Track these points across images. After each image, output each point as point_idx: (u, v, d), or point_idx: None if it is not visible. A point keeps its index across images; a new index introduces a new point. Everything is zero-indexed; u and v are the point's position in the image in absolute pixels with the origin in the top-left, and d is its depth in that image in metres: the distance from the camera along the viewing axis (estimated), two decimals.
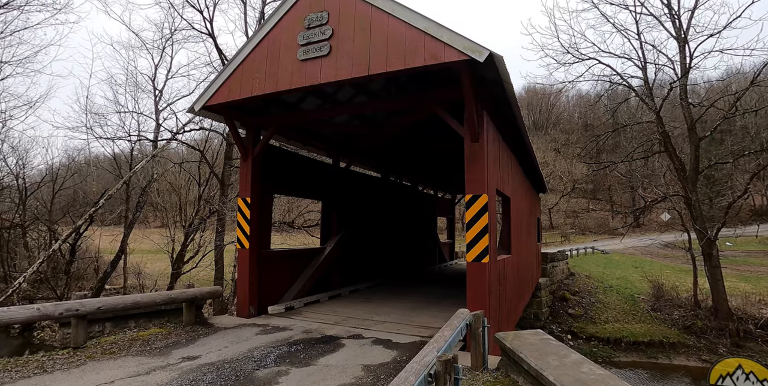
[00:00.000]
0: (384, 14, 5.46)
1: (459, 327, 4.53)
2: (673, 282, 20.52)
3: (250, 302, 7.81)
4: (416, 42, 5.19)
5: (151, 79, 16.61)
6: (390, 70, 5.33)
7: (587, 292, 20.83)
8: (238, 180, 8.60)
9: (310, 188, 10.33)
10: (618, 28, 16.85)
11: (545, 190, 19.16)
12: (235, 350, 5.78)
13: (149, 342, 6.14)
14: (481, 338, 4.76)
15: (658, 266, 29.52)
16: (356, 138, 11.10)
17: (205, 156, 14.84)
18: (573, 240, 41.76)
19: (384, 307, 8.93)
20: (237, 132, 7.62)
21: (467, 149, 5.81)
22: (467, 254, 5.78)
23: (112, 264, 17.59)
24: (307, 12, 6.03)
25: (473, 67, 5.13)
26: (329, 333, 6.75)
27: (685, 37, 15.42)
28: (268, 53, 6.30)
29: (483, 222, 5.67)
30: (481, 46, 4.82)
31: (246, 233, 7.72)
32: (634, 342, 16.69)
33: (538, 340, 4.77)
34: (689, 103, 16.07)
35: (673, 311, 18.19)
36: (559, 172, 46.21)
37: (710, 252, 16.64)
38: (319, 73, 5.82)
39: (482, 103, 5.89)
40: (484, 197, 5.68)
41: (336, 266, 10.64)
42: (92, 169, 22.39)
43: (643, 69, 16.72)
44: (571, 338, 17.86)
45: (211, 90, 6.78)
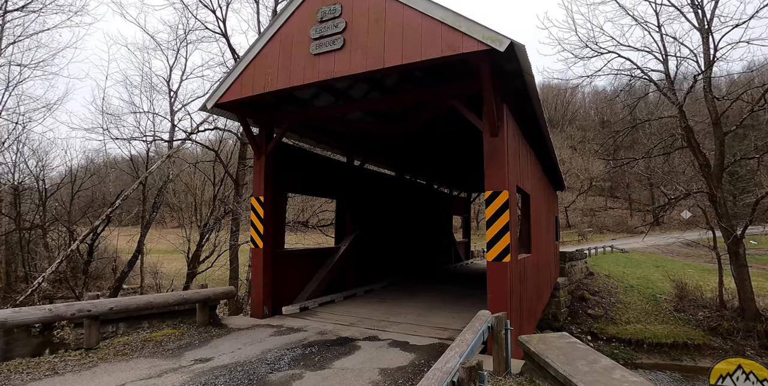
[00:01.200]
0: (398, 5, 5.26)
1: (481, 329, 4.32)
2: (697, 282, 19.96)
3: (264, 302, 7.69)
4: (433, 32, 4.98)
5: (166, 80, 16.68)
6: (406, 63, 5.12)
7: (607, 292, 20.37)
8: (252, 179, 8.49)
9: (324, 187, 10.19)
10: (637, 20, 16.38)
11: (563, 187, 18.77)
12: (248, 352, 5.65)
13: (162, 344, 6.05)
14: (504, 341, 4.54)
15: (680, 265, 28.81)
16: (370, 135, 10.92)
17: (219, 156, 14.84)
18: (590, 239, 41.05)
19: (400, 308, 8.74)
20: (250, 130, 7.51)
21: (486, 144, 5.58)
22: (487, 253, 5.56)
23: (129, 263, 17.73)
24: (320, 5, 5.86)
25: (493, 57, 4.90)
26: (344, 334, 6.58)
27: (709, 28, 14.91)
28: (280, 48, 6.15)
29: (504, 220, 5.43)
30: (502, 35, 4.59)
31: (260, 232, 7.59)
32: (656, 344, 16.25)
33: (564, 344, 4.53)
34: (714, 96, 15.55)
35: (698, 312, 17.66)
36: (575, 169, 45.44)
37: (737, 250, 16.10)
38: (332, 67, 5.65)
39: (502, 96, 5.65)
40: (505, 194, 5.45)
41: (350, 265, 10.48)
42: (110, 170, 22.64)
43: (664, 62, 16.24)
44: (591, 339, 17.46)
45: (223, 87, 6.67)
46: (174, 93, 16.56)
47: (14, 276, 18.80)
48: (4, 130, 16.75)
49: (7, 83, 15.96)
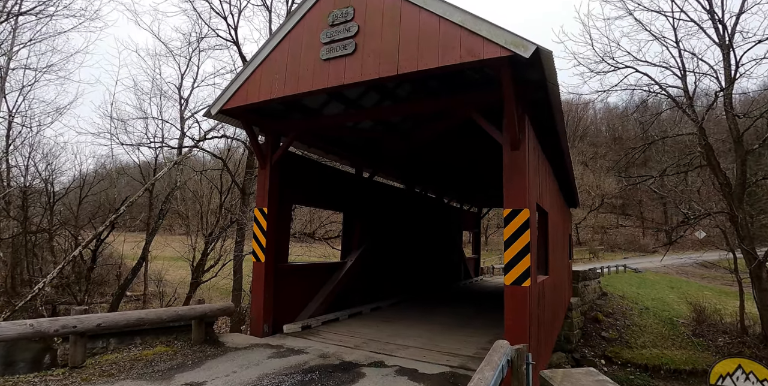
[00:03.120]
0: (415, 8, 4.94)
1: (501, 364, 3.87)
2: (715, 305, 19.23)
3: (264, 320, 7.29)
4: (451, 37, 4.65)
5: (177, 87, 16.59)
6: (422, 69, 4.78)
7: (621, 314, 19.65)
8: (256, 189, 8.15)
9: (332, 199, 9.82)
10: (655, 35, 16.00)
11: (577, 204, 18.24)
12: (243, 377, 5.22)
13: (152, 364, 5.65)
14: (525, 377, 4.09)
15: (695, 287, 27.96)
16: (380, 147, 10.58)
17: (227, 164, 14.59)
18: (602, 258, 40.15)
19: (408, 329, 8.28)
20: (255, 137, 7.19)
21: (506, 158, 5.18)
22: (505, 276, 5.12)
23: (134, 270, 17.44)
24: (331, 8, 5.57)
25: (515, 65, 4.55)
26: (348, 358, 6.13)
27: (730, 44, 14.49)
28: (288, 53, 5.86)
29: (524, 241, 5.00)
30: (527, 41, 4.23)
31: (262, 246, 7.22)
32: (674, 370, 15.52)
33: (593, 382, 4.07)
34: (735, 114, 15.06)
35: (717, 337, 16.92)
36: (586, 185, 44.67)
37: (759, 274, 15.38)
38: (343, 73, 5.33)
39: (524, 107, 5.28)
40: (526, 212, 5.03)
41: (356, 282, 10.05)
42: (117, 175, 22.56)
43: (682, 78, 15.80)
44: (605, 363, 16.74)
45: (228, 93, 6.38)
46: (185, 100, 16.45)
47: (19, 280, 18.59)
48: (15, 132, 16.65)
49: (21, 86, 15.97)
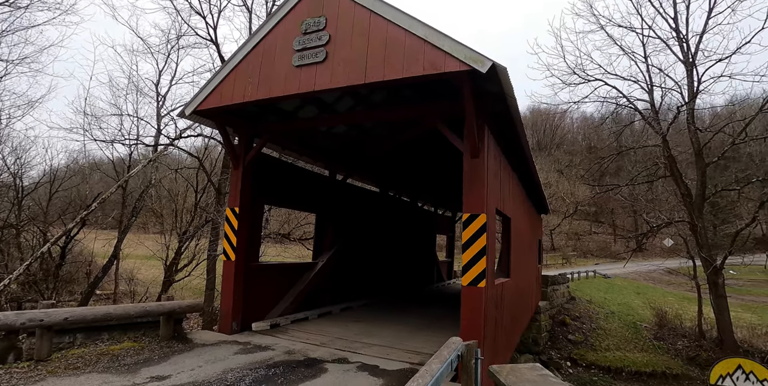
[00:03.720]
0: (383, 20, 5.21)
1: (449, 358, 4.14)
2: (677, 311, 20.00)
3: (233, 317, 7.42)
4: (416, 50, 4.93)
5: (155, 84, 16.46)
6: (387, 79, 5.05)
7: (588, 318, 20.26)
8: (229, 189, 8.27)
9: (305, 200, 10.00)
10: (625, 50, 16.71)
11: (547, 211, 18.77)
12: (208, 371, 5.37)
13: (119, 358, 5.74)
14: (473, 371, 4.37)
15: (660, 293, 28.93)
16: (355, 150, 10.81)
17: (203, 163, 14.57)
18: (574, 263, 41.14)
19: (375, 328, 8.50)
20: (229, 138, 7.34)
21: (466, 165, 5.49)
22: (462, 277, 5.41)
23: (104, 269, 17.19)
24: (305, 16, 5.80)
25: (475, 78, 4.85)
26: (313, 355, 6.33)
27: (693, 61, 15.23)
28: (262, 58, 6.06)
29: (481, 244, 5.31)
30: (484, 56, 4.54)
31: (233, 244, 7.37)
32: (635, 372, 16.11)
33: (536, 376, 4.36)
34: (696, 128, 15.80)
35: (677, 341, 17.61)
36: (561, 193, 45.82)
37: (716, 280, 16.16)
38: (313, 80, 5.56)
39: (484, 118, 5.59)
40: (483, 216, 5.34)
41: (328, 282, 10.23)
42: (90, 172, 22.17)
43: (649, 92, 16.52)
44: (570, 365, 17.27)
45: (202, 94, 6.53)
46: (162, 97, 16.32)
47: None
48: None
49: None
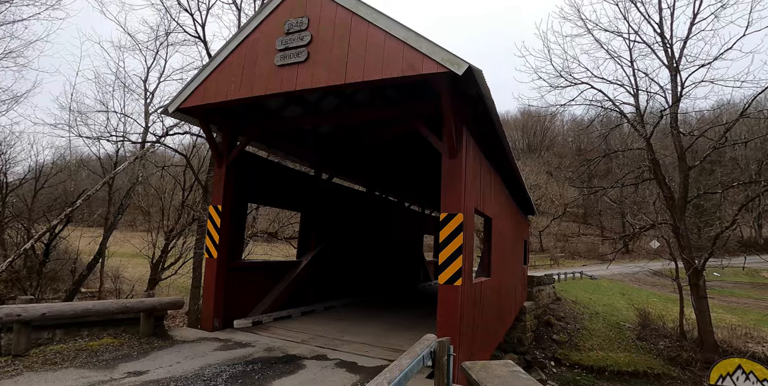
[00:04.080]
0: (364, 22, 5.29)
1: (421, 354, 4.23)
2: (660, 311, 20.29)
3: (215, 315, 7.46)
4: (395, 52, 5.02)
5: (143, 80, 16.38)
6: (367, 80, 5.14)
7: (573, 318, 20.50)
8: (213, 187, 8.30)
9: (289, 198, 10.04)
10: (611, 54, 16.94)
11: (533, 212, 18.96)
12: (186, 366, 5.41)
13: (97, 354, 5.76)
14: (446, 367, 4.45)
15: (645, 294, 29.30)
16: (341, 150, 10.87)
17: (190, 161, 14.54)
18: (562, 264, 41.53)
19: (358, 327, 8.57)
20: (212, 136, 7.37)
21: (444, 165, 5.59)
22: (439, 276, 5.51)
23: (89, 266, 17.07)
24: (288, 16, 5.86)
25: (453, 80, 4.95)
26: (293, 352, 6.39)
27: (677, 66, 15.49)
28: (245, 57, 6.11)
29: (457, 243, 5.40)
30: (460, 59, 4.64)
31: (215, 242, 7.41)
32: (618, 372, 16.33)
33: (507, 372, 4.46)
34: (680, 131, 16.07)
35: (659, 341, 17.86)
36: (550, 195, 46.21)
37: (697, 282, 16.43)
38: (295, 79, 5.62)
39: (462, 119, 5.69)
40: (460, 216, 5.43)
41: (312, 281, 10.28)
42: (77, 168, 21.98)
43: (635, 96, 16.76)
44: (554, 365, 17.46)
45: (186, 92, 6.56)
46: (150, 94, 16.24)
47: None
48: None
49: None
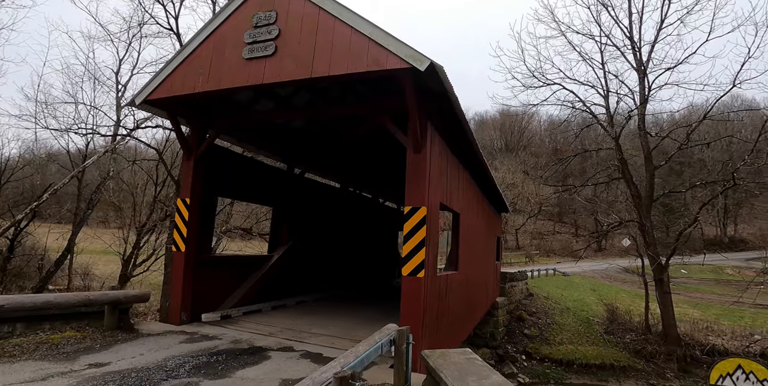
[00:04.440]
0: (331, 17, 5.36)
1: (380, 342, 4.35)
2: (628, 306, 20.89)
3: (183, 308, 7.43)
4: (360, 47, 5.11)
5: (115, 72, 16.04)
6: (333, 74, 5.21)
7: (544, 313, 20.97)
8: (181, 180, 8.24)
9: (260, 193, 10.03)
10: (584, 56, 17.41)
11: (507, 209, 19.31)
12: (149, 358, 5.41)
13: (58, 347, 5.70)
14: (405, 355, 4.58)
15: (615, 290, 30.08)
16: (313, 145, 10.89)
17: (162, 155, 14.33)
18: (537, 261, 42.28)
19: (328, 320, 8.64)
20: (180, 129, 7.33)
21: (409, 159, 5.71)
22: (403, 268, 5.64)
23: (57, 263, 16.67)
24: (256, 10, 5.88)
25: (416, 76, 5.07)
26: (259, 344, 6.43)
27: (645, 69, 15.99)
28: (214, 49, 6.11)
29: (420, 236, 5.54)
30: (423, 55, 4.76)
31: (183, 235, 7.37)
32: (586, 365, 16.81)
33: (463, 359, 4.61)
34: (647, 132, 16.61)
35: (626, 335, 18.43)
36: (527, 193, 47.00)
37: (661, 278, 17.01)
38: (262, 72, 5.66)
39: (427, 114, 5.82)
40: (423, 210, 5.57)
41: (283, 275, 10.29)
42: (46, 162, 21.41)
43: (605, 97, 17.23)
44: (525, 358, 17.87)
45: (153, 84, 6.51)
46: (123, 86, 15.92)
47: None
48: None
49: None
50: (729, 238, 52.66)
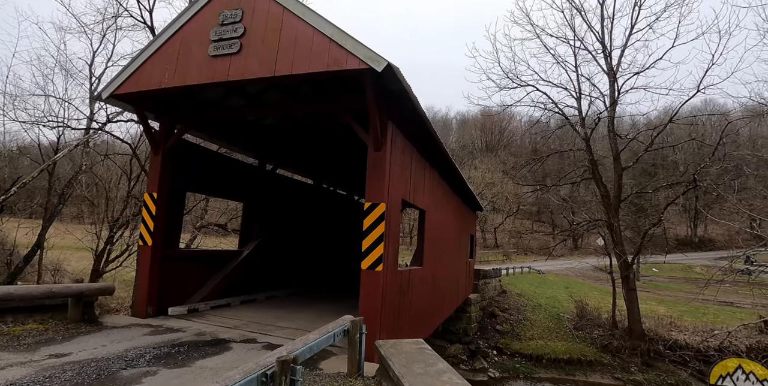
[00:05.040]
0: (295, 17, 5.51)
1: (332, 332, 4.53)
2: (598, 303, 21.44)
3: (149, 302, 7.49)
4: (322, 47, 5.27)
5: (89, 64, 15.81)
6: (295, 73, 5.37)
7: (516, 310, 21.41)
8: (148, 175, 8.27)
9: (230, 188, 10.10)
10: (557, 59, 17.90)
11: (480, 208, 19.66)
12: (111, 349, 5.50)
13: (20, 338, 5.74)
14: (358, 345, 4.77)
15: (588, 287, 30.82)
16: (286, 142, 10.99)
17: (135, 150, 14.22)
18: (514, 260, 43.01)
19: (295, 314, 8.78)
20: (148, 124, 7.37)
21: (370, 157, 5.91)
22: (362, 262, 5.83)
23: (26, 258, 16.37)
24: (223, 8, 6.00)
25: (375, 76, 5.25)
26: (222, 336, 6.55)
27: (615, 73, 16.48)
28: (181, 45, 6.19)
29: (379, 231, 5.74)
30: (380, 56, 4.95)
31: (149, 229, 7.44)
32: (554, 359, 17.25)
33: (414, 349, 4.83)
34: (616, 134, 17.12)
35: (594, 330, 18.95)
36: (506, 193, 47.69)
37: (627, 275, 17.57)
38: (227, 70, 5.77)
39: (388, 113, 6.01)
40: (382, 206, 5.77)
41: (253, 270, 10.39)
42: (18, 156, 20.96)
43: (578, 99, 17.67)
44: (496, 353, 18.27)
45: (120, 78, 6.55)
46: (97, 79, 15.69)
47: None
48: None
49: None
50: (699, 238, 54.33)
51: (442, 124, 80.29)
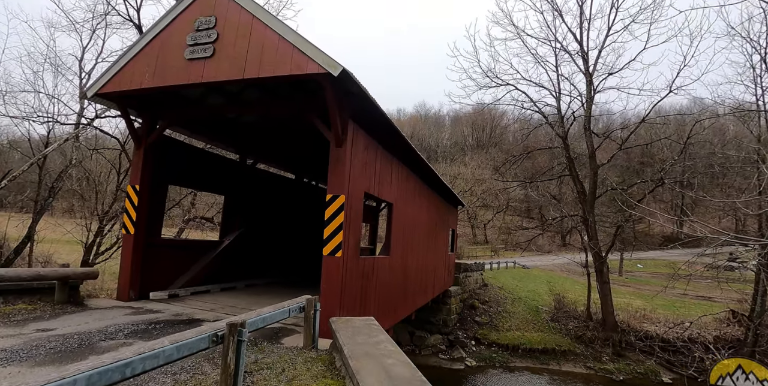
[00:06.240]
0: (262, 25, 6.05)
1: (288, 308, 5.11)
2: (577, 297, 22.11)
3: (131, 286, 8.03)
4: (286, 53, 5.82)
5: (79, 60, 16.20)
6: (261, 76, 5.91)
7: (496, 302, 22.07)
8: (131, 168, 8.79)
9: (211, 182, 10.65)
10: (538, 59, 18.44)
11: (461, 203, 20.27)
12: (93, 325, 6.05)
13: (9, 316, 6.28)
14: (312, 320, 5.35)
15: (570, 282, 31.53)
16: (266, 137, 11.49)
17: (123, 145, 14.69)
18: (502, 255, 43.72)
19: (271, 300, 9.28)
20: (130, 120, 7.89)
21: (332, 152, 6.48)
22: (323, 248, 6.40)
23: (16, 250, 16.81)
24: (198, 15, 6.52)
25: (334, 80, 5.79)
26: (198, 317, 7.12)
27: (591, 74, 17.11)
28: (160, 49, 6.71)
29: (339, 221, 6.32)
30: (337, 62, 5.50)
31: (132, 219, 7.97)
32: (530, 349, 17.93)
33: (362, 324, 5.43)
34: (592, 132, 17.77)
35: (569, 322, 19.65)
36: (495, 189, 48.36)
37: (601, 269, 18.27)
38: (202, 72, 6.31)
39: (349, 113, 6.57)
40: (342, 198, 6.34)
41: (234, 260, 10.94)
42: (9, 150, 21.33)
43: (557, 99, 18.31)
44: (474, 344, 18.93)
45: (105, 77, 7.07)
46: (87, 75, 16.09)
47: None
48: None
49: None
50: (685, 235, 55.16)
51: (435, 121, 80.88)
